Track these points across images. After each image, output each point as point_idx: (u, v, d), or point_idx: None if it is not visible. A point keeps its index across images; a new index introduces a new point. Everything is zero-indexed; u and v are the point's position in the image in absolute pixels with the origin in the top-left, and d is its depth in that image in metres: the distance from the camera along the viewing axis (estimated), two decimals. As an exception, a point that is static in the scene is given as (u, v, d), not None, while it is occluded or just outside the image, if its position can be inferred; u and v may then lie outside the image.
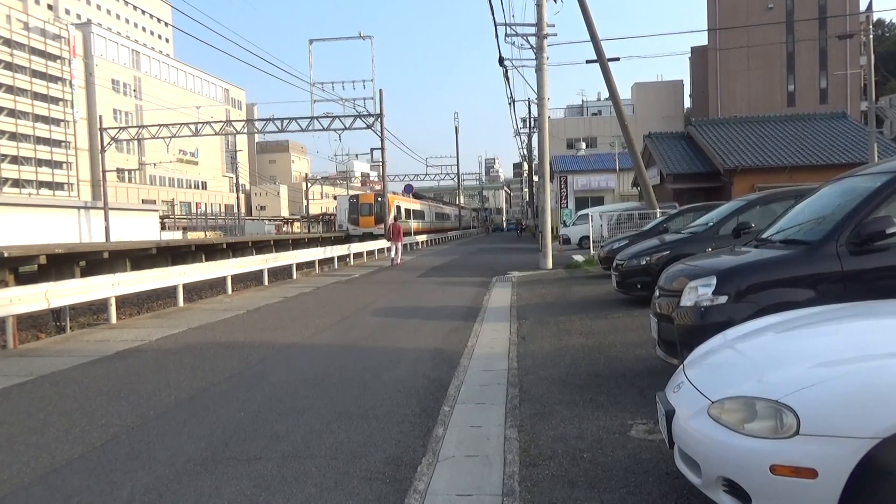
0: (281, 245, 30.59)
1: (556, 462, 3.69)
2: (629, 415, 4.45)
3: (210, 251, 25.17)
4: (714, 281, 4.70)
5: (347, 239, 35.05)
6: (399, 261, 23.97)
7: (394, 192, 46.86)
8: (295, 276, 18.88)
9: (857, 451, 2.22)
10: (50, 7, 71.23)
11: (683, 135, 28.44)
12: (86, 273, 16.94)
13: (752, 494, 2.39)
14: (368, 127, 33.26)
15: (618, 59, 33.68)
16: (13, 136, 62.95)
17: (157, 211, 46.39)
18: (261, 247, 28.69)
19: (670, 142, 27.44)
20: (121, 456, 4.16)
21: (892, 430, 2.20)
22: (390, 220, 32.75)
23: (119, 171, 60.56)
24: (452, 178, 70.66)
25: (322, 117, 34.46)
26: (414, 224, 45.60)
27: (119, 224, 34.46)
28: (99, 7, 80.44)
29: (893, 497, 2.21)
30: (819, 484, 2.27)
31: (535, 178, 33.67)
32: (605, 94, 37.87)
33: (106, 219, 33.28)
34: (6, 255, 15.29)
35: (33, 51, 63.74)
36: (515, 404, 4.88)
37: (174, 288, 13.00)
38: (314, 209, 76.09)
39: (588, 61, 18.81)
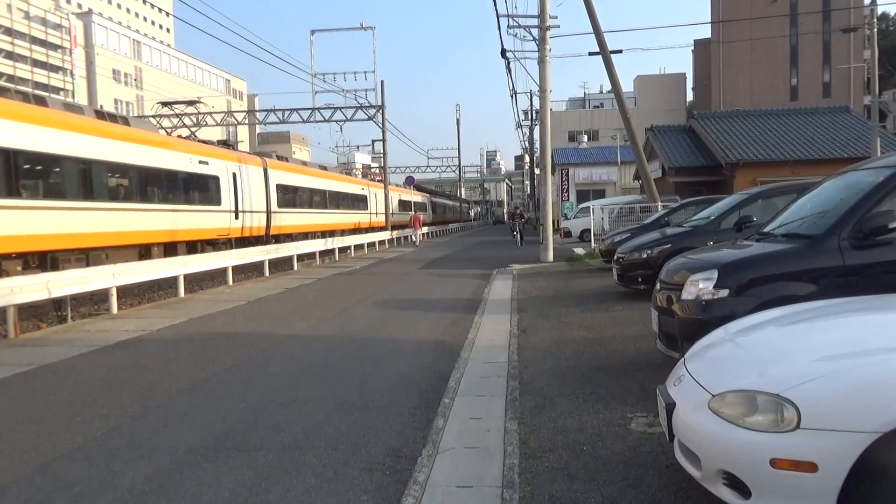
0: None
1: (556, 454, 3.70)
2: (629, 408, 4.46)
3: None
4: (716, 274, 4.69)
5: None
6: (418, 243, 31.14)
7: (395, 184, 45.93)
8: (296, 268, 18.89)
9: (857, 445, 2.22)
10: (51, -4, 70.93)
11: (686, 128, 28.33)
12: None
13: (752, 488, 2.40)
14: (370, 118, 33.11)
15: (620, 51, 33.69)
16: (14, 126, 62.77)
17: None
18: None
19: (672, 135, 27.33)
20: (122, 445, 4.17)
21: (892, 425, 2.20)
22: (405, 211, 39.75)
23: (120, 161, 60.42)
24: (454, 171, 70.46)
25: (323, 108, 34.27)
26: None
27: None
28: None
29: (893, 491, 2.21)
30: (819, 478, 2.27)
31: (537, 171, 33.62)
32: (608, 86, 37.83)
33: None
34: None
35: (34, 40, 63.55)
36: (516, 396, 4.89)
37: (175, 278, 13.01)
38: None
39: (591, 53, 18.72)
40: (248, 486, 3.48)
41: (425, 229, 41.31)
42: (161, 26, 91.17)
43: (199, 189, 18.51)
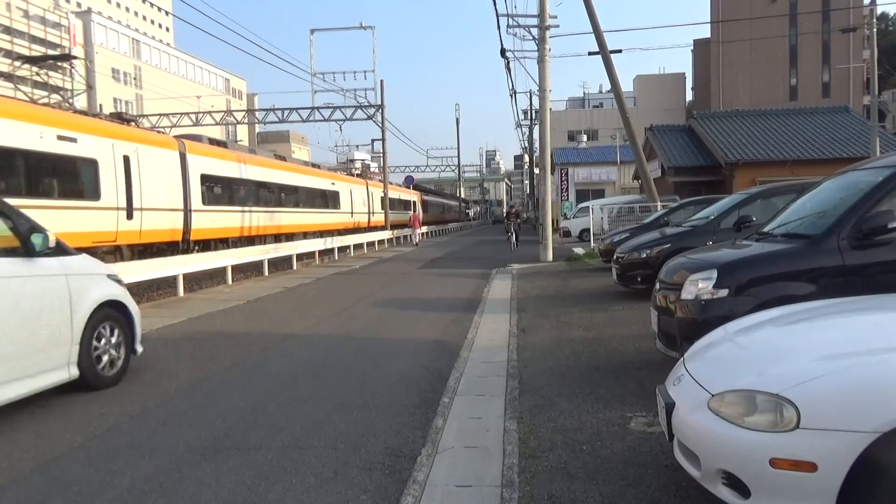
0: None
1: (556, 454, 3.70)
2: (629, 407, 4.46)
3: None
4: (715, 274, 4.69)
5: None
6: (418, 242, 31.20)
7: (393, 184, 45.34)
8: (295, 267, 18.89)
9: (857, 445, 2.22)
10: (50, -5, 70.83)
11: (685, 128, 28.34)
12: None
13: (751, 487, 2.40)
14: (369, 118, 33.13)
15: (620, 51, 33.83)
16: (13, 125, 62.63)
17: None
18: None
19: (672, 135, 27.34)
20: (121, 445, 4.17)
21: (892, 425, 2.20)
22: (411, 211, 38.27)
23: (119, 160, 60.20)
24: (453, 170, 70.49)
25: (323, 108, 34.30)
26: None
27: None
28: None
29: (893, 491, 2.21)
30: (819, 477, 2.27)
31: (536, 171, 33.63)
32: (607, 86, 37.83)
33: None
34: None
35: (33, 39, 63.48)
36: (515, 396, 4.89)
37: (174, 277, 13.00)
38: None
39: (590, 53, 18.73)
40: (247, 485, 3.48)
41: (424, 229, 41.29)
42: (161, 25, 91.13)
43: (60, 176, 13.16)
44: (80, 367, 5.31)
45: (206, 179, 18.72)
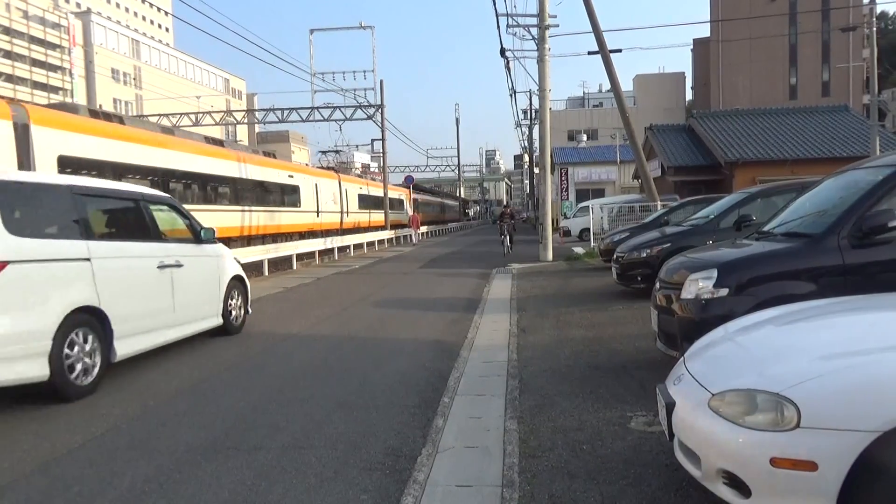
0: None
1: (556, 453, 3.70)
2: (629, 407, 4.45)
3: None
4: (715, 274, 4.69)
5: None
6: (417, 242, 31.93)
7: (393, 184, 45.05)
8: (295, 267, 18.89)
9: (857, 444, 2.22)
10: (49, -5, 70.80)
11: (685, 127, 28.35)
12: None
13: (751, 487, 2.39)
14: (369, 118, 33.11)
15: (619, 50, 33.91)
16: (13, 125, 62.59)
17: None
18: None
19: (672, 134, 27.34)
20: (121, 445, 4.17)
21: (892, 424, 2.20)
22: (410, 211, 37.94)
23: (119, 160, 60.03)
24: (453, 170, 70.55)
25: (323, 108, 34.31)
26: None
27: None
28: (98, -5, 79.97)
29: (893, 490, 2.21)
30: (819, 477, 2.27)
31: (536, 170, 33.63)
32: (607, 85, 37.78)
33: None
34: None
35: (33, 39, 63.48)
36: (515, 396, 4.89)
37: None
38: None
39: (590, 53, 18.72)
40: (247, 485, 3.48)
41: (424, 229, 41.33)
42: (160, 25, 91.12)
43: None
44: (223, 318, 7.74)
45: (69, 164, 13.13)
